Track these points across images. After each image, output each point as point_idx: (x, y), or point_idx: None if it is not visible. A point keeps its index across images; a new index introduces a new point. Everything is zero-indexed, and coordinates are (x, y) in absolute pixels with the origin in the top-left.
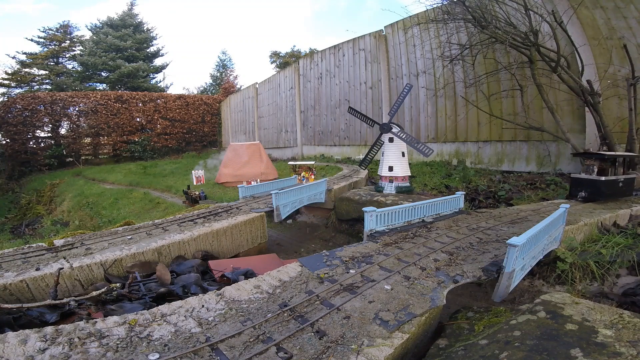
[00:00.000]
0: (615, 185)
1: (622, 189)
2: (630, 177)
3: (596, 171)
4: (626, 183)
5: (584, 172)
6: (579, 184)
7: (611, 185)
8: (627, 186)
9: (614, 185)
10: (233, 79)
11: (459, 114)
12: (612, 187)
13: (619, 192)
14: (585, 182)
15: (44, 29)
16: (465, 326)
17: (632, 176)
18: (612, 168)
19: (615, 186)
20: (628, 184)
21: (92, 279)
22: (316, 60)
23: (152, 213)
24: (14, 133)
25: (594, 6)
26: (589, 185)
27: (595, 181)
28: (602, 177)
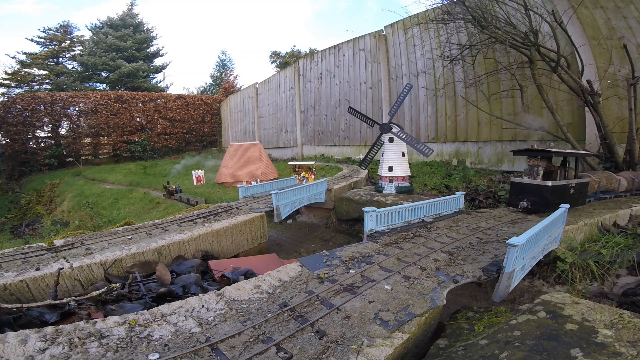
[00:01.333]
0: (565, 192)
1: (573, 197)
2: (583, 182)
3: (542, 174)
4: (578, 189)
5: (527, 174)
6: (520, 191)
7: (560, 193)
8: (580, 193)
9: (564, 193)
10: (233, 79)
11: (459, 114)
12: (561, 194)
13: (569, 201)
14: (528, 189)
15: (44, 29)
16: (465, 326)
17: (585, 180)
18: (562, 170)
19: (566, 193)
20: (581, 190)
21: (92, 279)
22: (316, 60)
23: (152, 213)
24: (14, 133)
25: (594, 6)
26: (533, 193)
27: (540, 187)
28: (548, 183)
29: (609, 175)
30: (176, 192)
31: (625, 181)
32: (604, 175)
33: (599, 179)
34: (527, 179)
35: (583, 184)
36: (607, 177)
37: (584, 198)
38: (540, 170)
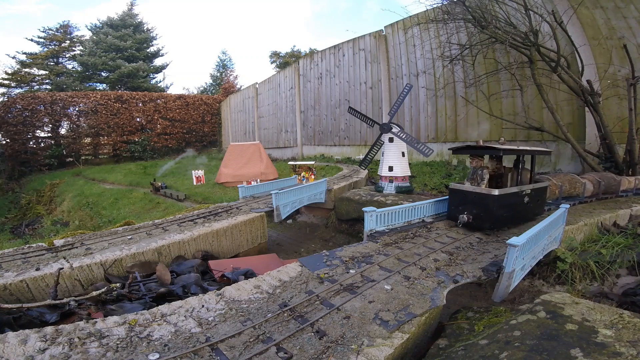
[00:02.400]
0: (518, 202)
1: (528, 207)
2: (541, 187)
3: (487, 179)
4: (535, 197)
5: (469, 179)
6: (460, 200)
7: (511, 203)
8: (537, 201)
9: (516, 203)
10: (233, 79)
11: (459, 114)
12: (512, 205)
13: (523, 213)
14: (470, 198)
15: (44, 29)
16: (465, 326)
17: (543, 185)
18: (515, 173)
19: (518, 203)
20: (538, 198)
21: (92, 279)
22: (316, 60)
23: (152, 213)
24: (14, 133)
25: (594, 6)
26: (475, 203)
27: (483, 197)
28: (494, 191)
29: (572, 178)
30: (162, 188)
31: (590, 185)
32: (567, 178)
33: (561, 182)
34: (469, 185)
35: (541, 190)
36: (570, 180)
37: (542, 206)
38: (485, 174)
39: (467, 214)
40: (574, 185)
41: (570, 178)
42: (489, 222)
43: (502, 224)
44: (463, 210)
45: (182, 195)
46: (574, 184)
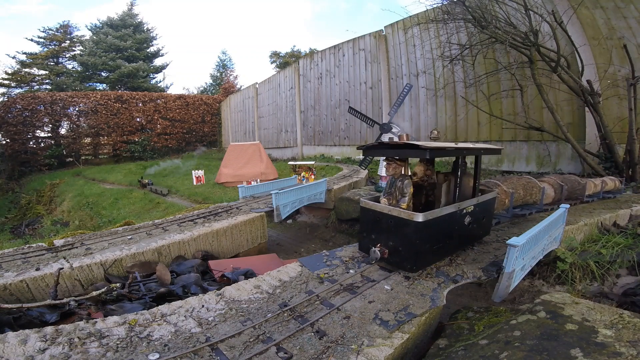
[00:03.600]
0: (456, 226)
1: (471, 229)
2: (488, 200)
3: (409, 195)
4: (480, 214)
5: (385, 194)
6: (373, 226)
7: (444, 230)
8: (482, 219)
9: (453, 228)
10: (233, 79)
11: (459, 114)
12: (446, 233)
13: (463, 239)
14: (385, 223)
15: (44, 29)
16: (465, 326)
17: (490, 197)
18: (452, 182)
19: (456, 228)
20: (483, 215)
21: (92, 279)
22: (316, 60)
23: (152, 213)
24: (14, 133)
25: (594, 6)
26: (392, 231)
27: (403, 224)
28: (417, 216)
29: (527, 183)
30: (148, 185)
31: (551, 189)
32: (521, 183)
33: (513, 188)
34: (386, 202)
35: (487, 204)
36: (526, 185)
37: (489, 224)
38: (406, 186)
39: (382, 245)
40: (531, 191)
41: (525, 182)
42: (410, 260)
43: (431, 261)
44: (376, 240)
45: (165, 191)
46: (530, 189)
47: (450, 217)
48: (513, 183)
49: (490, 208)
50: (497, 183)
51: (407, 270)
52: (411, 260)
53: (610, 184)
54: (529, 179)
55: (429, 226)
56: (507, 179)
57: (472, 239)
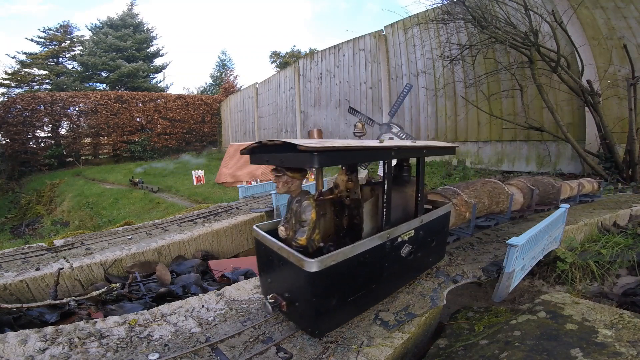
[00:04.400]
0: (387, 263)
1: (414, 262)
2: (439, 217)
3: (310, 221)
4: (426, 238)
5: (283, 222)
6: (266, 266)
7: (364, 274)
8: (431, 243)
9: (382, 267)
10: (233, 79)
11: (459, 114)
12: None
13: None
14: (277, 264)
15: (44, 29)
16: (465, 326)
17: (441, 212)
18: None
19: (388, 266)
20: (432, 237)
21: (92, 279)
22: (316, 60)
23: (152, 213)
24: (14, 133)
25: (594, 6)
26: (285, 277)
27: (296, 270)
28: (311, 265)
29: (494, 189)
30: (139, 183)
31: (520, 194)
32: (486, 190)
33: (476, 197)
34: (283, 230)
35: (437, 223)
36: (491, 191)
37: (442, 246)
38: (306, 209)
39: (278, 294)
40: (497, 198)
41: (491, 189)
42: (310, 320)
43: (346, 318)
44: (272, 286)
45: (156, 188)
46: (496, 196)
47: (375, 253)
48: (476, 190)
49: (443, 226)
50: (456, 191)
51: (310, 334)
52: (311, 322)
53: (587, 186)
54: (495, 183)
55: (332, 275)
56: (469, 185)
57: (417, 271)
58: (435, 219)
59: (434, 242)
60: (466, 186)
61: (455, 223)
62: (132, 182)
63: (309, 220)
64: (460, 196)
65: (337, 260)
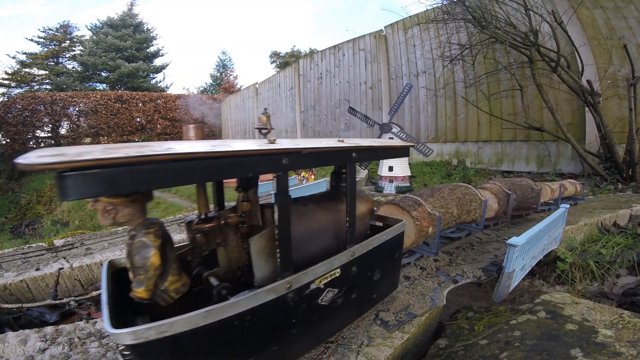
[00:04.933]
0: (298, 315)
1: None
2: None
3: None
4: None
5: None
6: None
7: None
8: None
9: (283, 324)
10: (233, 79)
11: (459, 114)
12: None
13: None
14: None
15: (44, 29)
16: (465, 326)
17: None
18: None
19: (305, 317)
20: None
21: (92, 279)
22: (316, 60)
23: (152, 213)
24: (14, 133)
25: (594, 6)
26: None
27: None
28: (125, 337)
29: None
30: None
31: (494, 200)
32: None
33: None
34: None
35: (381, 251)
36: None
37: (391, 278)
38: (140, 248)
39: None
40: (468, 206)
41: (460, 195)
42: None
43: None
44: None
45: None
46: (467, 204)
47: (265, 312)
48: (443, 198)
49: (392, 252)
50: (418, 201)
51: None
52: None
53: (570, 188)
54: (466, 189)
55: (172, 350)
56: (435, 192)
57: (353, 314)
58: (379, 246)
59: (377, 275)
60: (431, 193)
61: (416, 241)
62: None
63: (146, 267)
64: (423, 207)
65: (175, 331)
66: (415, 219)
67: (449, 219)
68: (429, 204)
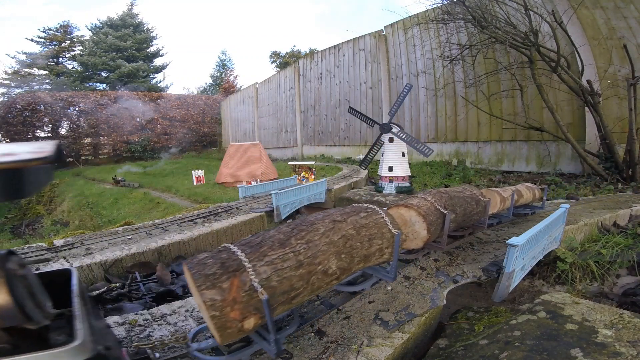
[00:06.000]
0: None
1: None
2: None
3: None
4: None
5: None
6: None
7: None
8: None
9: None
10: (233, 79)
11: (459, 114)
12: None
13: None
14: None
15: (44, 29)
16: (465, 326)
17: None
18: None
19: None
20: None
21: (92, 279)
22: (316, 60)
23: (152, 213)
24: (14, 133)
25: (594, 6)
26: None
27: None
28: None
29: (357, 232)
30: (121, 182)
31: (423, 226)
32: (337, 240)
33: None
34: None
35: None
36: (349, 240)
37: None
38: None
39: None
40: (364, 250)
41: (353, 232)
42: None
43: None
44: None
45: (136, 184)
46: (361, 246)
47: None
48: (308, 247)
49: None
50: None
51: None
52: None
53: (527, 195)
54: (367, 216)
55: None
56: (295, 235)
57: None
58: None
59: None
60: (283, 240)
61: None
62: (115, 180)
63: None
64: (236, 281)
65: None
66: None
67: (318, 283)
68: (265, 265)
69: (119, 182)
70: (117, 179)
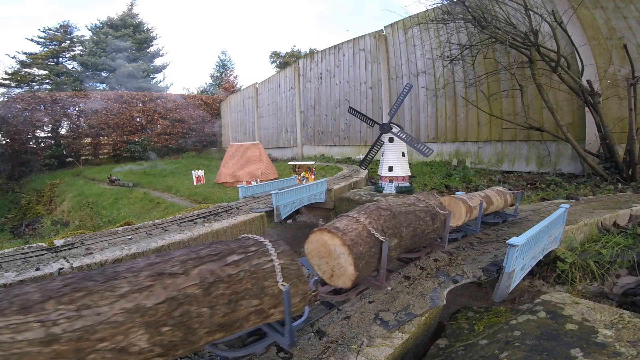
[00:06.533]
0: None
1: None
2: None
3: None
4: None
5: None
6: None
7: None
8: None
9: None
10: (233, 79)
11: (459, 114)
12: None
13: None
14: None
15: (44, 29)
16: (465, 326)
17: None
18: None
19: None
20: None
21: None
22: (316, 60)
23: (152, 213)
24: (14, 133)
25: (594, 6)
26: None
27: None
28: None
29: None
30: (116, 181)
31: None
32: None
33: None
34: None
35: None
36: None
37: None
38: None
39: None
40: (234, 304)
41: (212, 279)
42: None
43: None
44: None
45: (131, 184)
46: (227, 303)
47: None
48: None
49: None
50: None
51: None
52: None
53: (497, 201)
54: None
55: None
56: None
57: None
58: None
59: None
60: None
61: None
62: (110, 180)
63: None
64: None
65: None
66: None
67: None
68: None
69: (113, 181)
70: (112, 179)
